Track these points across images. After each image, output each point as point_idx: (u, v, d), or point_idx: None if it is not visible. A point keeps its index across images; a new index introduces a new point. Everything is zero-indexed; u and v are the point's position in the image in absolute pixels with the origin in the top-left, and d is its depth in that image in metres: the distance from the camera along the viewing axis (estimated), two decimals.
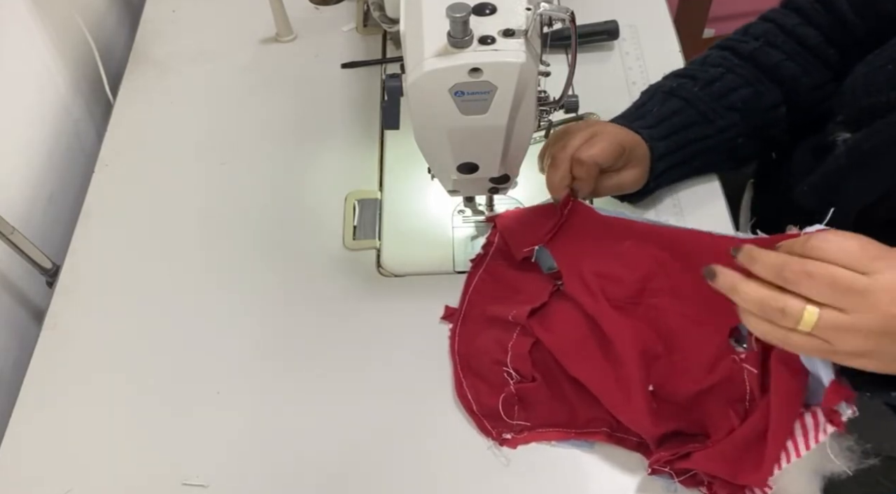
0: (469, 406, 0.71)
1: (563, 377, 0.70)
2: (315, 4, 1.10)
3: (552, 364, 0.71)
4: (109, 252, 0.86)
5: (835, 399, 0.54)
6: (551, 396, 0.70)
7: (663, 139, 0.78)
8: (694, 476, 0.65)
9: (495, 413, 0.70)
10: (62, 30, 1.01)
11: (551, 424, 0.70)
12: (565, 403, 0.70)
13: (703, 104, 0.79)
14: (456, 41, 0.59)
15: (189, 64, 1.04)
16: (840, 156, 0.72)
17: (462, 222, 0.85)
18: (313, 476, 0.70)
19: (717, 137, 0.80)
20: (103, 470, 0.71)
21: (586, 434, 0.69)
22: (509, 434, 0.70)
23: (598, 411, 0.69)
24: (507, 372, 0.71)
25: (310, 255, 0.84)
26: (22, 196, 0.91)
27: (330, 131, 0.95)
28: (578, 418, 0.69)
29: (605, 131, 0.75)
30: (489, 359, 0.73)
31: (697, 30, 1.74)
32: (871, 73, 0.70)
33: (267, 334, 0.79)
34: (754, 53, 0.80)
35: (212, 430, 0.73)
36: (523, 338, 0.72)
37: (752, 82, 0.79)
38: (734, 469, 0.61)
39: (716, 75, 0.80)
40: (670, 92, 0.80)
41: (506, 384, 0.71)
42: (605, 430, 0.69)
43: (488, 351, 0.73)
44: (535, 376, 0.71)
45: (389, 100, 0.68)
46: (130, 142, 0.96)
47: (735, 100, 0.79)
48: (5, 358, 0.84)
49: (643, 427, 0.65)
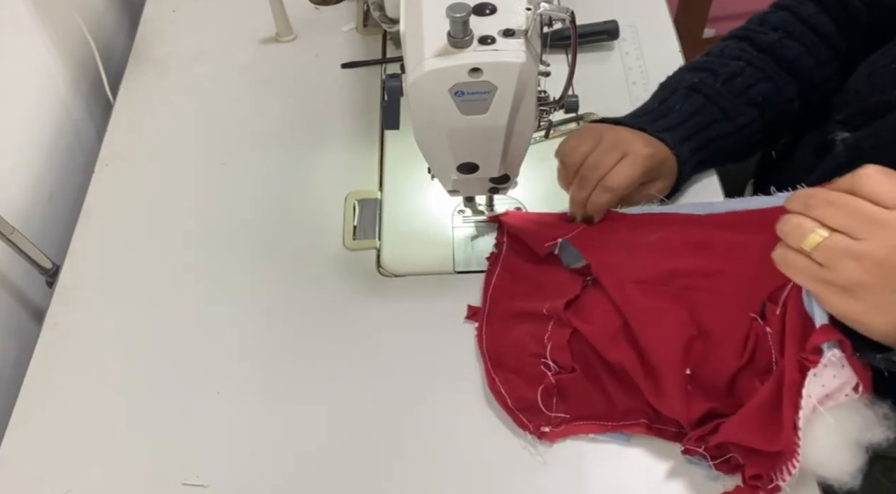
0: (504, 401, 0.70)
1: (602, 368, 0.70)
2: (315, 4, 1.10)
3: (590, 355, 0.70)
4: (109, 252, 0.86)
5: (821, 339, 0.55)
6: (590, 387, 0.70)
7: (688, 139, 0.78)
8: (729, 461, 0.64)
9: (533, 406, 0.69)
10: (62, 30, 1.01)
11: (589, 416, 0.69)
12: (603, 394, 0.69)
13: (725, 101, 0.78)
14: (456, 41, 0.59)
15: (189, 64, 1.04)
16: (839, 155, 0.72)
17: (462, 222, 0.85)
18: (313, 476, 0.70)
19: (738, 134, 0.79)
20: (103, 470, 0.71)
21: (624, 426, 0.68)
22: (547, 427, 0.69)
23: (637, 402, 0.68)
24: (545, 363, 0.70)
25: (310, 255, 0.84)
26: (22, 196, 0.91)
27: (330, 131, 0.95)
28: (616, 409, 0.69)
29: (633, 153, 0.74)
30: (525, 353, 0.72)
31: (697, 30, 1.74)
32: (876, 73, 0.71)
33: (267, 334, 0.79)
34: (774, 46, 0.79)
35: (212, 430, 0.73)
36: (560, 329, 0.72)
37: (771, 76, 0.79)
38: (762, 435, 0.60)
39: (736, 69, 0.79)
40: (692, 88, 0.79)
41: (543, 376, 0.70)
42: (643, 421, 0.68)
43: (523, 344, 0.72)
44: (574, 367, 0.70)
45: (389, 100, 0.68)
46: (130, 142, 0.96)
47: (755, 95, 0.78)
48: (5, 358, 0.84)
49: (679, 410, 0.65)
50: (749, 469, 0.62)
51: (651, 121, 0.79)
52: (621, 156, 0.75)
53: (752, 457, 0.62)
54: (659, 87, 0.83)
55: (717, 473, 0.65)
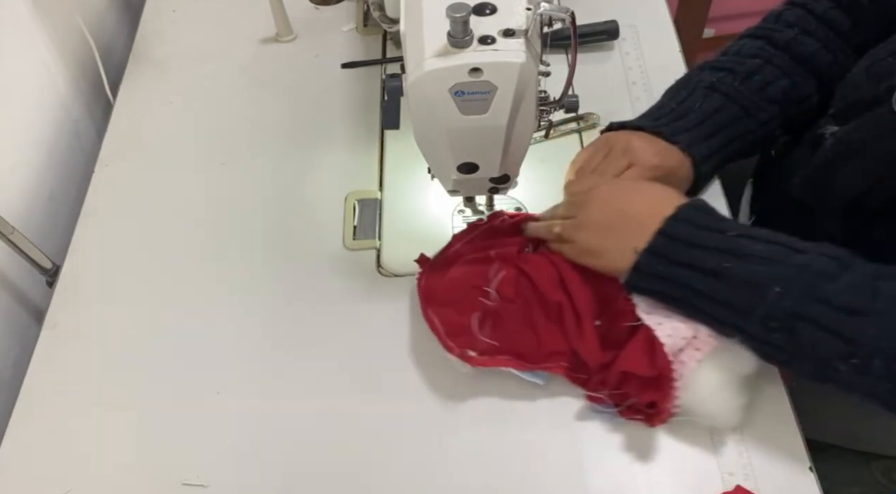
0: (434, 326, 0.73)
1: (538, 308, 0.72)
2: (315, 4, 1.10)
3: (529, 295, 0.73)
4: (109, 252, 0.86)
5: None
6: (523, 322, 0.72)
7: (707, 139, 0.78)
8: (631, 407, 0.68)
9: (463, 331, 0.72)
10: (62, 30, 1.01)
11: (516, 351, 0.72)
12: (534, 332, 0.72)
13: (744, 99, 0.78)
14: (456, 41, 0.59)
15: (189, 64, 1.04)
16: (828, 148, 0.72)
17: (462, 222, 0.85)
18: (313, 476, 0.70)
19: (759, 132, 0.79)
20: (103, 470, 0.71)
21: (546, 366, 0.71)
22: (473, 352, 0.71)
23: (561, 346, 0.71)
24: (485, 292, 0.72)
25: (310, 255, 0.84)
26: (22, 196, 0.91)
27: (330, 131, 0.95)
28: (542, 350, 0.71)
29: (641, 162, 0.75)
30: (466, 285, 0.74)
31: (697, 30, 1.74)
32: (873, 66, 0.71)
33: (267, 334, 0.79)
34: (791, 43, 0.79)
35: (212, 430, 0.73)
36: (510, 268, 0.74)
37: (790, 73, 0.79)
38: (646, 361, 0.67)
39: (754, 67, 0.79)
40: (711, 87, 0.79)
41: (480, 305, 0.72)
42: (563, 364, 0.71)
43: (464, 279, 0.74)
44: (515, 300, 0.72)
45: (389, 100, 0.68)
46: (130, 142, 0.96)
47: (774, 92, 0.78)
48: (5, 358, 0.84)
49: (591, 353, 0.70)
50: (644, 397, 0.67)
51: (669, 122, 0.78)
52: (627, 166, 0.76)
53: (645, 390, 0.67)
54: (676, 85, 0.83)
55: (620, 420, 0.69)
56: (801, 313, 0.60)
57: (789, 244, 0.64)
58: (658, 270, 0.66)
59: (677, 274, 0.65)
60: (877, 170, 0.67)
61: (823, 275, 0.61)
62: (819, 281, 0.60)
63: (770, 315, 0.61)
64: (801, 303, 0.60)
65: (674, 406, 0.67)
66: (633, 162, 0.75)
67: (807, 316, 0.60)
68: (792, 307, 0.60)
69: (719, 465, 0.67)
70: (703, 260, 0.64)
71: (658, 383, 0.67)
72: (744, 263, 0.63)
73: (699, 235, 0.65)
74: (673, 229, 0.66)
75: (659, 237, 0.66)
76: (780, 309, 0.61)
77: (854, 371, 0.59)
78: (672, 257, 0.65)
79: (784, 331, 0.61)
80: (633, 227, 0.68)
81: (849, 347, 0.59)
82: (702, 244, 0.65)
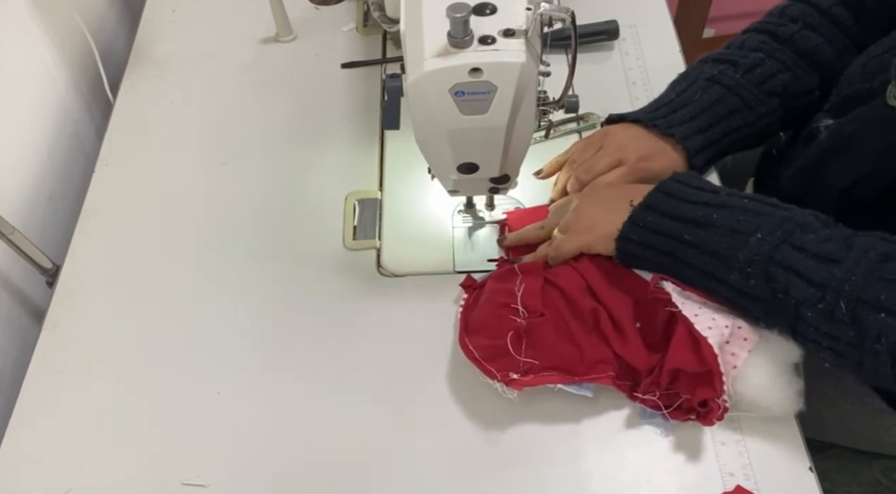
0: (471, 355, 0.71)
1: (571, 316, 0.71)
2: (315, 4, 1.10)
3: (560, 304, 0.71)
4: (109, 252, 0.86)
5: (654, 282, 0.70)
6: (558, 334, 0.70)
7: (705, 130, 0.78)
8: (681, 407, 0.67)
9: (502, 352, 0.69)
10: (62, 30, 1.01)
11: (558, 365, 0.70)
12: (573, 342, 0.70)
13: (744, 91, 0.78)
14: (456, 41, 0.59)
15: (189, 63, 1.04)
16: (822, 141, 0.73)
17: (462, 222, 0.85)
18: (313, 476, 0.70)
19: (757, 124, 0.80)
20: (103, 470, 0.71)
21: (592, 378, 0.69)
22: (516, 374, 0.69)
23: (604, 353, 0.70)
24: (515, 309, 0.71)
25: (310, 255, 0.84)
26: (22, 196, 0.91)
27: (330, 131, 0.95)
28: (584, 360, 0.70)
29: (627, 160, 0.77)
30: (493, 305, 0.72)
31: (697, 30, 1.74)
32: (869, 62, 0.71)
33: (267, 334, 0.79)
34: (794, 37, 0.79)
35: (212, 430, 0.73)
36: (533, 279, 0.73)
37: (791, 67, 0.79)
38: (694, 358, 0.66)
39: (756, 61, 0.79)
40: (712, 79, 0.80)
41: (512, 324, 0.70)
42: (610, 374, 0.69)
43: (492, 299, 0.73)
44: (543, 312, 0.71)
45: (389, 100, 0.68)
46: (130, 142, 0.96)
47: (775, 85, 0.79)
48: (5, 358, 0.84)
49: (640, 355, 0.69)
50: (696, 396, 0.66)
51: (666, 113, 0.79)
52: (616, 164, 0.77)
53: (697, 388, 0.67)
54: (679, 78, 0.83)
55: (672, 422, 0.68)
56: (777, 258, 0.63)
57: (776, 203, 0.67)
58: (651, 222, 0.69)
59: (668, 227, 0.68)
60: (869, 163, 0.68)
61: (804, 227, 0.64)
62: (798, 231, 0.63)
63: (750, 260, 0.64)
64: (779, 250, 0.63)
65: (725, 401, 0.66)
66: (622, 160, 0.77)
67: (782, 261, 0.62)
68: (769, 252, 0.63)
69: (719, 465, 0.67)
70: (693, 212, 0.67)
71: (708, 379, 0.66)
72: (730, 212, 0.66)
73: (691, 192, 0.69)
74: (667, 186, 0.70)
75: (655, 192, 0.70)
76: (759, 253, 0.63)
77: (820, 317, 0.61)
78: (665, 210, 0.68)
79: (760, 278, 0.63)
80: (626, 195, 0.72)
81: (818, 292, 0.61)
82: (692, 199, 0.68)
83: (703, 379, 0.66)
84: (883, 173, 0.67)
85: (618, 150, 0.77)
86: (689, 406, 0.67)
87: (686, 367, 0.66)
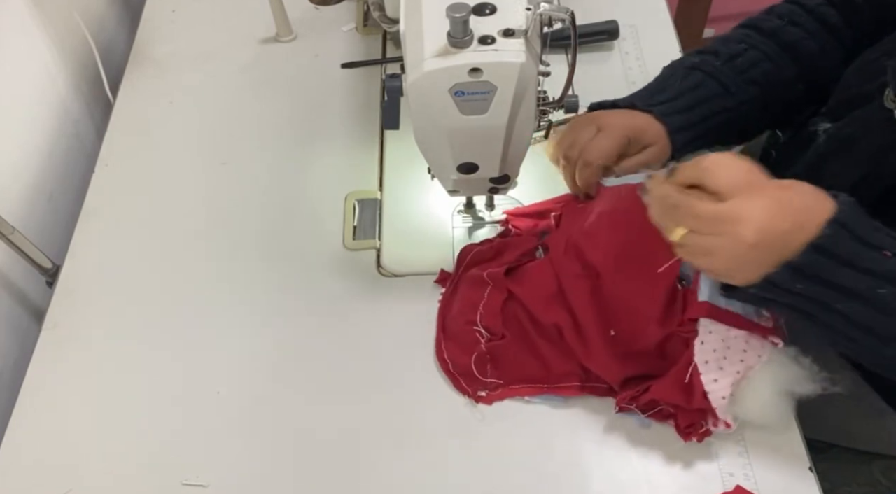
0: (445, 366, 0.73)
1: (535, 332, 0.72)
2: (315, 4, 1.10)
3: (524, 320, 0.73)
4: (109, 252, 0.86)
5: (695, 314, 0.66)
6: (523, 352, 0.72)
7: (684, 112, 0.78)
8: (661, 411, 0.68)
9: (469, 372, 0.72)
10: (62, 30, 1.01)
11: (524, 380, 0.72)
12: (537, 358, 0.72)
13: (724, 77, 0.79)
14: (456, 41, 0.59)
15: (189, 63, 1.04)
16: (820, 144, 0.73)
17: (462, 222, 0.85)
18: (313, 476, 0.70)
19: (736, 111, 0.80)
20: (103, 470, 0.71)
21: (558, 388, 0.71)
22: (484, 391, 0.72)
23: (570, 364, 0.71)
24: (477, 331, 0.73)
25: (310, 255, 0.84)
26: (22, 196, 0.91)
27: (330, 131, 0.95)
28: (551, 373, 0.71)
29: (609, 124, 0.75)
30: (462, 320, 0.74)
31: (697, 30, 1.74)
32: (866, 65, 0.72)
33: (267, 334, 0.79)
34: (776, 31, 0.80)
35: (212, 430, 0.73)
36: (496, 295, 0.74)
37: (773, 57, 0.79)
38: (683, 396, 0.65)
39: (738, 51, 0.80)
40: (693, 66, 0.80)
41: (477, 343, 0.72)
42: (575, 384, 0.71)
43: (462, 312, 0.75)
44: (504, 333, 0.73)
45: (389, 100, 0.68)
46: (130, 142, 0.96)
47: (756, 74, 0.79)
48: (5, 358, 0.84)
49: (608, 370, 0.69)
50: (682, 420, 0.67)
51: (644, 97, 0.79)
52: (597, 131, 0.75)
53: (681, 411, 0.67)
54: (662, 70, 0.84)
55: (648, 421, 0.69)
56: None
57: None
58: (794, 287, 0.57)
59: (817, 293, 0.57)
60: (867, 165, 0.68)
61: None
62: None
63: None
64: None
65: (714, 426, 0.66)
66: (602, 126, 0.75)
67: None
68: None
69: (719, 465, 0.67)
70: (855, 282, 0.56)
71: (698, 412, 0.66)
72: None
73: (853, 251, 0.57)
74: (825, 242, 0.56)
75: (810, 254, 0.56)
76: None
77: None
78: (818, 275, 0.57)
79: None
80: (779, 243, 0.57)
81: None
82: (855, 264, 0.56)
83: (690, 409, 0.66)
84: (881, 175, 0.67)
85: (593, 120, 0.76)
86: (668, 413, 0.68)
87: (673, 401, 0.66)
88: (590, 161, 0.73)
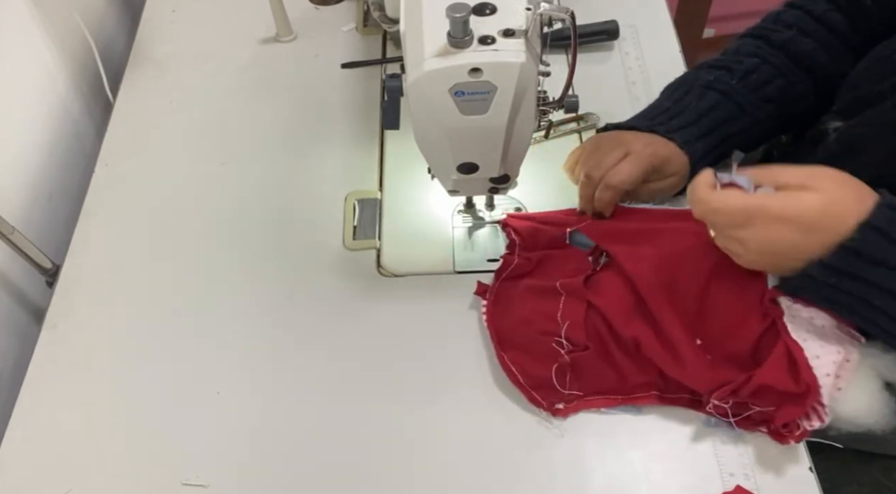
0: (516, 379, 0.72)
1: (614, 345, 0.71)
2: (315, 4, 1.10)
3: (603, 332, 0.72)
4: (109, 252, 0.86)
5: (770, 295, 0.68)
6: (602, 364, 0.71)
7: (703, 137, 0.78)
8: (750, 418, 0.67)
9: (546, 384, 0.71)
10: (62, 30, 1.01)
11: (601, 391, 0.71)
12: (615, 370, 0.71)
13: (740, 97, 0.79)
14: (456, 41, 0.59)
15: (189, 64, 1.04)
16: (831, 144, 0.73)
17: (462, 222, 0.85)
18: (314, 476, 0.70)
19: (754, 130, 0.80)
20: (103, 470, 0.71)
21: (635, 398, 0.70)
22: (561, 403, 0.71)
23: (648, 375, 0.70)
24: (558, 342, 0.71)
25: (310, 255, 0.84)
26: (22, 196, 0.91)
27: (330, 131, 0.95)
28: (627, 384, 0.70)
29: (636, 151, 0.76)
30: (533, 330, 0.73)
31: (697, 30, 1.74)
32: (875, 64, 0.71)
33: (267, 334, 0.79)
34: (787, 43, 0.80)
35: (212, 430, 0.73)
36: (575, 305, 0.73)
37: (786, 73, 0.79)
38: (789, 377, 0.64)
39: (751, 66, 0.80)
40: (708, 85, 0.80)
41: (555, 354, 0.71)
42: (654, 394, 0.70)
43: (532, 321, 0.73)
44: (587, 345, 0.71)
45: (389, 100, 0.68)
46: (130, 142, 0.96)
47: (771, 91, 0.79)
48: (5, 358, 0.84)
49: (701, 378, 0.67)
50: (779, 418, 0.65)
51: (664, 121, 0.79)
52: (623, 155, 0.76)
53: (782, 407, 0.65)
54: (674, 84, 0.83)
55: (738, 431, 0.67)
56: None
57: None
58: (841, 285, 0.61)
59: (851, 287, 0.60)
60: (880, 166, 0.67)
61: None
62: None
63: None
64: None
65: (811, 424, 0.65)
66: (629, 151, 0.76)
67: None
68: None
69: (719, 465, 0.67)
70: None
71: (799, 399, 0.64)
72: None
73: None
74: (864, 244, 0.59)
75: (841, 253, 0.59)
76: None
77: None
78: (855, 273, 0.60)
79: None
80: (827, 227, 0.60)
81: None
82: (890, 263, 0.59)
83: (791, 398, 0.65)
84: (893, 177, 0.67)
85: (620, 144, 0.77)
86: (760, 418, 0.67)
87: (779, 386, 0.64)
88: (613, 185, 0.75)
